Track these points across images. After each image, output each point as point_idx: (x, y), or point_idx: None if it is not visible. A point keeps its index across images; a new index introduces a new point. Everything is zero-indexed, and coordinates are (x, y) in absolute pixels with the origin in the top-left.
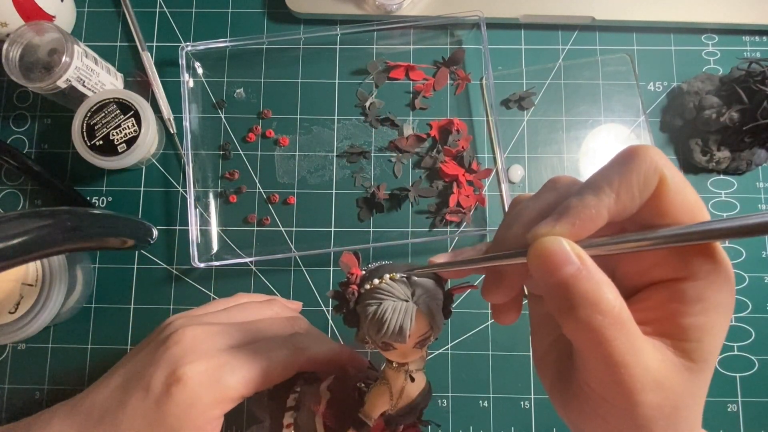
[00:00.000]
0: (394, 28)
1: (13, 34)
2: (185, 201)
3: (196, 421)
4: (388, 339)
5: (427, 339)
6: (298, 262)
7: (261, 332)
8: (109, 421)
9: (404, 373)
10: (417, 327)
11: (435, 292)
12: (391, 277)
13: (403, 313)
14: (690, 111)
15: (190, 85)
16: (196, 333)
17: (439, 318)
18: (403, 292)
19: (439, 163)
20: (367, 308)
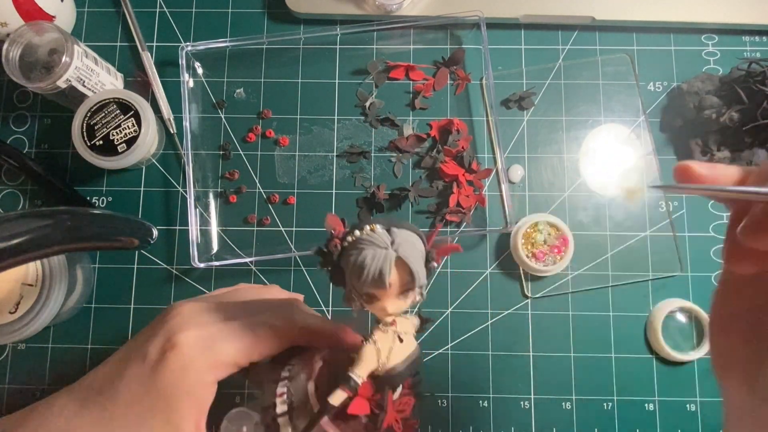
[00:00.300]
0: (394, 28)
1: (13, 34)
2: (185, 201)
3: (189, 385)
4: (369, 286)
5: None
6: (298, 262)
7: (256, 307)
8: (108, 390)
9: (392, 333)
10: (397, 274)
11: (415, 242)
12: (371, 228)
13: (382, 259)
14: (690, 111)
15: (190, 85)
16: (192, 307)
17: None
18: (382, 241)
19: (439, 163)
20: (349, 258)
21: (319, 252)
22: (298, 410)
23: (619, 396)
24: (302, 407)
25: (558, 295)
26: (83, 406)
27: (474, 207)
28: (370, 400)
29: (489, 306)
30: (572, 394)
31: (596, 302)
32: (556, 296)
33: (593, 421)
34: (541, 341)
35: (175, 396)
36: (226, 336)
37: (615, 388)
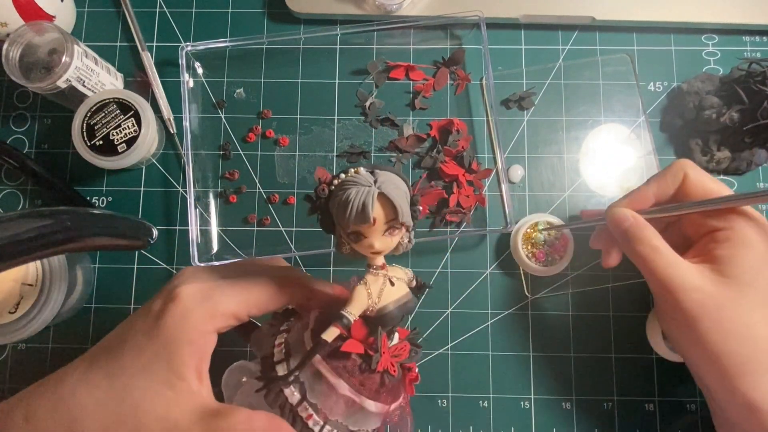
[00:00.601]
0: (394, 28)
1: (13, 34)
2: (185, 201)
3: (189, 333)
4: (353, 221)
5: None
6: (298, 262)
7: (256, 267)
8: (117, 346)
9: (383, 276)
10: (381, 208)
11: (398, 183)
12: (355, 170)
13: (365, 194)
14: (690, 111)
15: (190, 85)
16: (198, 268)
17: (402, 203)
18: (366, 180)
19: (439, 163)
20: (335, 199)
21: (308, 198)
22: (295, 356)
23: (619, 396)
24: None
25: (558, 295)
26: (94, 363)
27: (474, 207)
28: (364, 342)
29: (489, 306)
30: (572, 394)
31: (596, 302)
32: (556, 296)
33: (593, 421)
34: (541, 341)
35: (176, 344)
36: (224, 289)
37: (615, 388)
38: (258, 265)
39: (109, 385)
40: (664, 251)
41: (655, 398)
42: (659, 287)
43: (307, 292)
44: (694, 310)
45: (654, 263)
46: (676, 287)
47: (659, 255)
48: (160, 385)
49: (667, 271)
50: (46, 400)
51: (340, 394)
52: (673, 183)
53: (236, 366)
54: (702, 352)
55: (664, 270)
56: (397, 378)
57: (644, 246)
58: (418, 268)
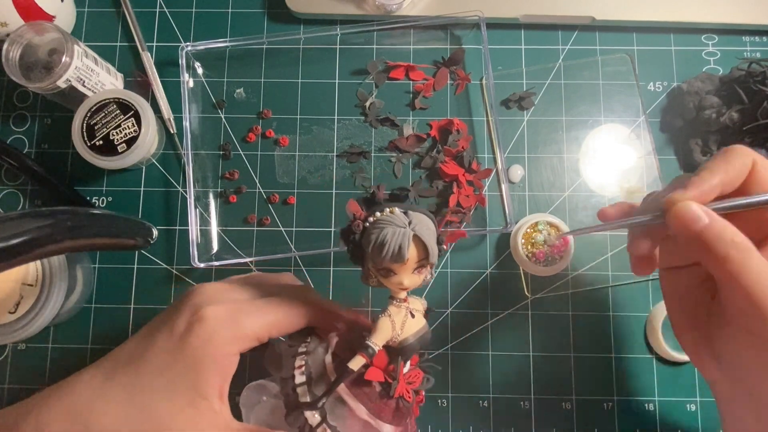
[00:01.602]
0: (394, 28)
1: (13, 34)
2: (185, 201)
3: (214, 354)
4: (388, 261)
5: (424, 266)
6: (298, 262)
7: (276, 288)
8: (137, 360)
9: (405, 309)
10: (414, 250)
11: (429, 223)
12: (390, 210)
13: (401, 236)
14: (690, 111)
15: (190, 85)
16: (216, 287)
17: (433, 245)
18: (401, 221)
19: (439, 163)
20: (371, 236)
21: (342, 232)
22: (317, 380)
23: (619, 396)
24: (320, 377)
25: (558, 295)
26: (110, 378)
27: (474, 207)
28: (384, 370)
29: (489, 306)
30: (572, 394)
31: (596, 302)
32: (556, 296)
33: (593, 421)
34: (541, 341)
35: (201, 364)
36: (248, 311)
37: (615, 388)
38: (277, 285)
39: (129, 401)
40: (757, 259)
41: (655, 398)
42: (747, 303)
43: (327, 315)
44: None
45: (746, 274)
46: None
47: (752, 263)
48: (183, 404)
49: (761, 284)
50: (59, 412)
51: (359, 418)
52: (742, 172)
53: (255, 385)
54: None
55: (757, 281)
56: (411, 403)
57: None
58: None
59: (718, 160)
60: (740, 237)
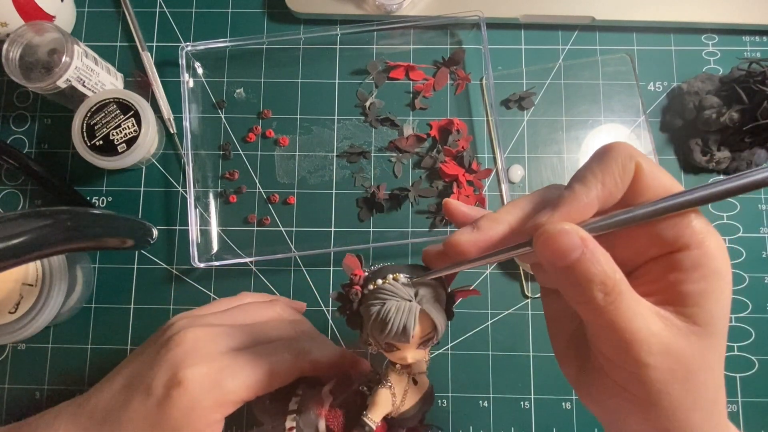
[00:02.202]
0: (394, 28)
1: (13, 34)
2: (185, 201)
3: (196, 424)
4: (391, 339)
5: (430, 340)
6: (298, 262)
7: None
8: (112, 421)
9: (407, 376)
10: (420, 327)
11: (438, 293)
12: (394, 277)
13: (407, 312)
14: (690, 111)
15: (190, 85)
16: (198, 335)
17: (442, 319)
18: (406, 293)
19: (439, 163)
20: (371, 308)
21: (339, 298)
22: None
23: None
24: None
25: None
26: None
27: None
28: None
29: (489, 306)
30: (572, 394)
31: None
32: None
33: (593, 421)
34: (541, 341)
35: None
36: (233, 372)
37: None
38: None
39: None
40: (629, 296)
41: None
42: (616, 343)
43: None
44: (660, 380)
45: (615, 312)
46: (642, 348)
47: (622, 302)
48: None
49: (632, 325)
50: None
51: None
52: (623, 181)
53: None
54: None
55: (627, 323)
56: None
57: (601, 289)
58: None
59: (594, 167)
60: (613, 275)
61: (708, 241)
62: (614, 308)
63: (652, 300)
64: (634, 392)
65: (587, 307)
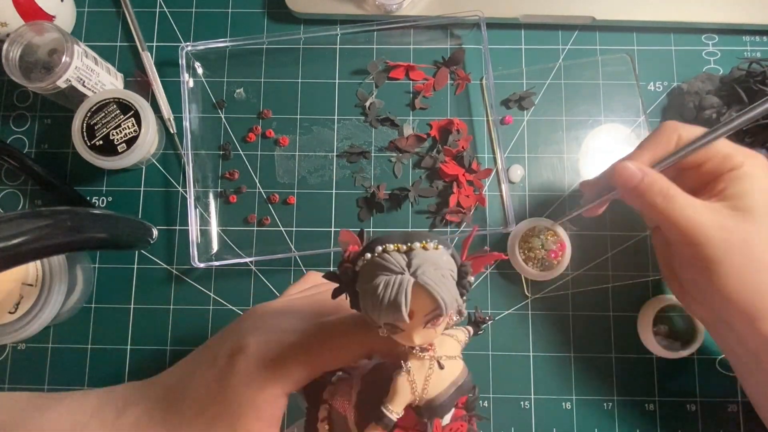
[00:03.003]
0: (394, 28)
1: (13, 34)
2: (185, 201)
3: (256, 397)
4: (387, 318)
5: (438, 317)
6: (298, 262)
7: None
8: (177, 394)
9: (429, 360)
10: (418, 302)
11: (439, 260)
12: (384, 248)
13: (396, 286)
14: (690, 111)
15: (190, 85)
16: (266, 309)
17: (445, 292)
18: (397, 264)
19: (439, 163)
20: (363, 285)
21: (329, 277)
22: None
23: (619, 396)
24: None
25: (558, 294)
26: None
27: (474, 207)
28: (414, 429)
29: (489, 306)
30: (572, 394)
31: (596, 302)
32: (556, 296)
33: (593, 421)
34: (541, 341)
35: (241, 407)
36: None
37: (615, 388)
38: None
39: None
40: (681, 197)
41: (656, 398)
42: (680, 233)
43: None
44: (718, 250)
45: (672, 209)
46: (697, 229)
47: (676, 201)
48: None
49: (686, 214)
50: None
51: None
52: (669, 145)
53: None
54: (725, 294)
55: (682, 213)
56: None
57: (660, 196)
58: None
59: (650, 137)
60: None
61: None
62: (671, 205)
63: (710, 201)
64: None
65: (654, 211)
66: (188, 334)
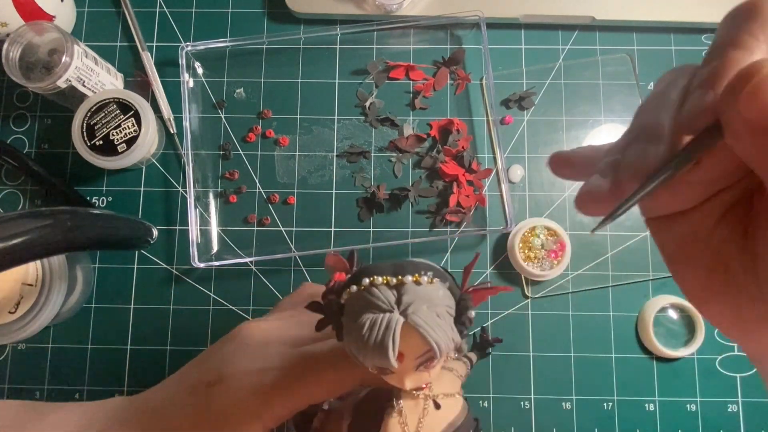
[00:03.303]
0: (394, 28)
1: (13, 34)
2: (185, 201)
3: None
4: (372, 362)
5: (431, 359)
6: (298, 262)
7: (325, 334)
8: (159, 416)
9: (423, 399)
10: (408, 344)
11: (434, 295)
12: (371, 281)
13: (384, 326)
14: None
15: (190, 85)
16: (252, 332)
17: (441, 333)
18: (385, 300)
19: (439, 163)
20: (347, 324)
21: (313, 308)
22: None
23: (619, 396)
24: None
25: (558, 295)
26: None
27: (474, 207)
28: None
29: (489, 306)
30: (572, 394)
31: (596, 302)
32: (556, 296)
33: (593, 421)
34: (541, 341)
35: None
36: (282, 377)
37: (615, 388)
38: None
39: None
40: None
41: (656, 398)
42: None
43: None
44: None
45: None
46: None
47: None
48: None
49: None
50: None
51: None
52: None
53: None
54: None
55: None
56: None
57: None
58: None
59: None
60: None
61: None
62: None
63: None
64: None
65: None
66: (188, 334)
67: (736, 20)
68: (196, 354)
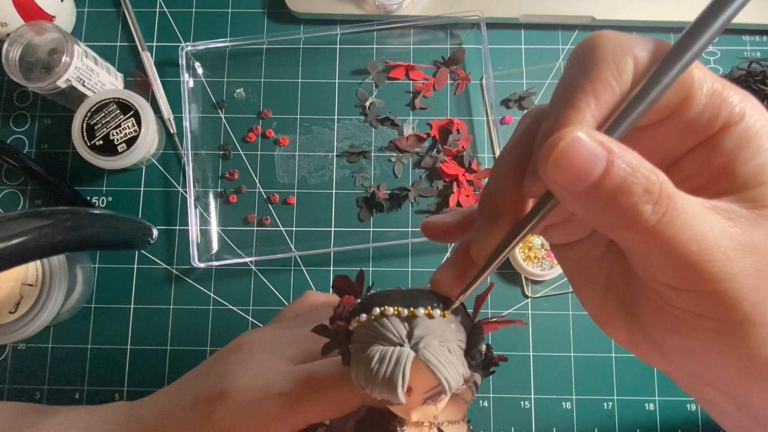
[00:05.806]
0: (394, 28)
1: (13, 34)
2: (185, 201)
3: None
4: (380, 395)
5: (440, 393)
6: (298, 262)
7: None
8: (159, 428)
9: (428, 428)
10: (418, 379)
11: (446, 329)
12: (382, 311)
13: (394, 361)
14: None
15: (190, 85)
16: (254, 343)
17: (451, 369)
18: (395, 333)
19: (439, 163)
20: (355, 354)
21: (319, 331)
22: None
23: (619, 396)
24: None
25: (558, 295)
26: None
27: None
28: None
29: (489, 306)
30: (572, 394)
31: None
32: (556, 296)
33: (593, 421)
34: (541, 341)
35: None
36: (280, 404)
37: (615, 388)
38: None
39: None
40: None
41: (656, 398)
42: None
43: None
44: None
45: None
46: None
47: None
48: None
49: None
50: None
51: None
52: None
53: None
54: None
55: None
56: None
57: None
58: (418, 268)
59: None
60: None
61: (749, 109)
62: (668, 219)
63: (705, 195)
64: (716, 316)
65: (633, 231)
66: (188, 334)
67: (572, 67)
68: (196, 354)
